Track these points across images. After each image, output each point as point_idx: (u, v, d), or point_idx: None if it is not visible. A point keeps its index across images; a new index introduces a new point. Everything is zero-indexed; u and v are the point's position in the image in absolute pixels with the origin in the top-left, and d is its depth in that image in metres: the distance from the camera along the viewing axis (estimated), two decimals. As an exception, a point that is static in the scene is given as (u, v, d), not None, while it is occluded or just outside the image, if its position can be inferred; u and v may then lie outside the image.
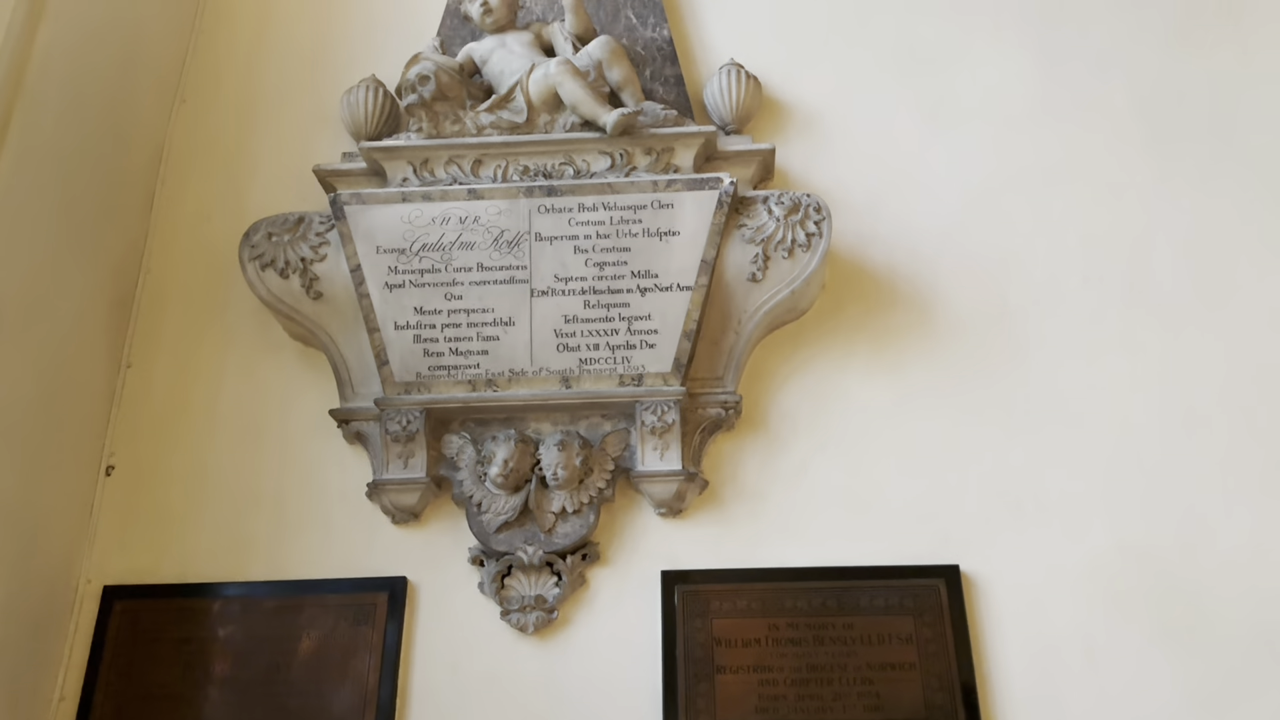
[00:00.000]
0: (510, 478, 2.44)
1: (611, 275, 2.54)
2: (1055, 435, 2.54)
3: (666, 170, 2.67)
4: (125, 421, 2.67)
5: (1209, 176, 2.79)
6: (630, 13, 2.99)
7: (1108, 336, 2.64)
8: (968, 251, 2.74)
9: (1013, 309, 2.68)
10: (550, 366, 2.50)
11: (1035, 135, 2.87)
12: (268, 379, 2.70)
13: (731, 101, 2.81)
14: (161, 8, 3.02)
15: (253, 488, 2.58)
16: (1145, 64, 2.94)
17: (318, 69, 3.07)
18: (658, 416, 2.46)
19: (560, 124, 2.72)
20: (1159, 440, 2.52)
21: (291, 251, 2.62)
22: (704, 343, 2.54)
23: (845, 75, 2.98)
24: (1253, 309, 2.64)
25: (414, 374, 2.51)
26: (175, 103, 3.04)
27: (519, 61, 2.79)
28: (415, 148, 2.71)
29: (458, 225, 2.59)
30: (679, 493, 2.46)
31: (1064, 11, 3.02)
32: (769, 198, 2.61)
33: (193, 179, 2.95)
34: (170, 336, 2.76)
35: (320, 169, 2.78)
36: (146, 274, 2.83)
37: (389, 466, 2.49)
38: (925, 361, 2.64)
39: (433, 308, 2.54)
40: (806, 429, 2.58)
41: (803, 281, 2.56)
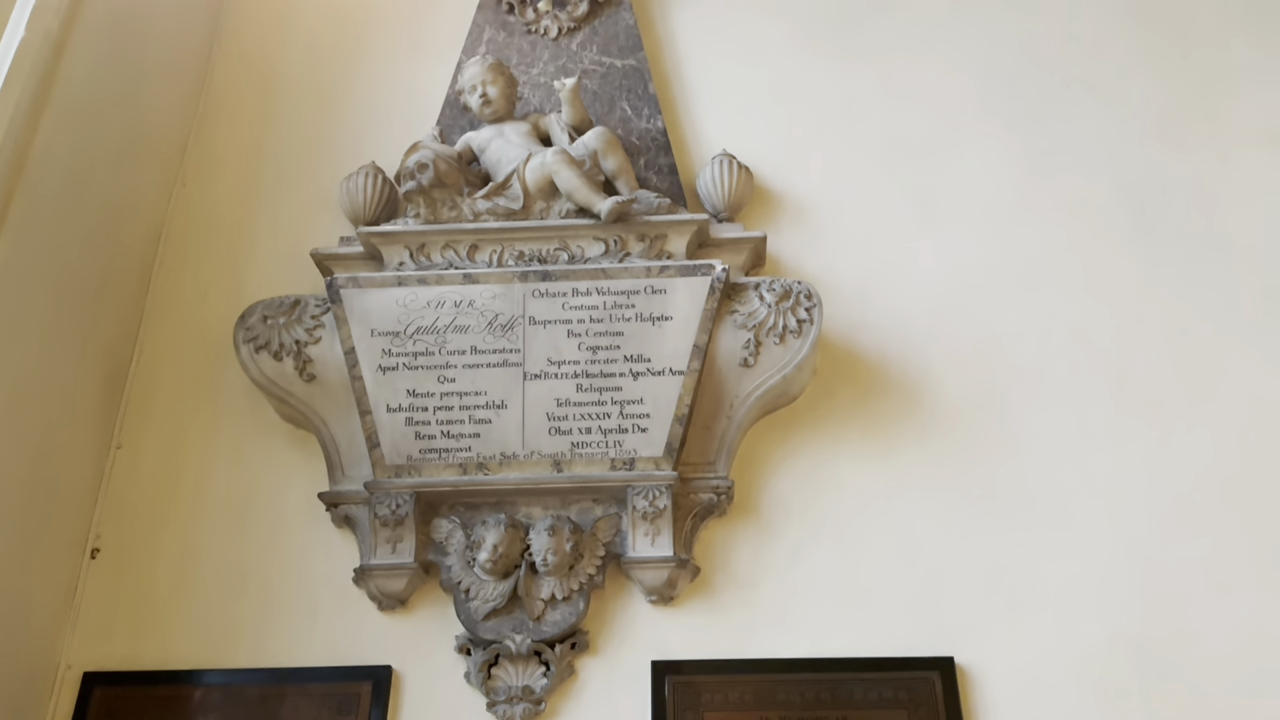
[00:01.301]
0: (499, 563, 2.41)
1: (604, 359, 2.56)
2: (1047, 525, 2.53)
3: (660, 256, 2.70)
4: (113, 503, 2.65)
5: (1193, 271, 2.83)
6: (626, 105, 3.07)
7: (1097, 426, 2.64)
8: (957, 339, 2.76)
9: (1003, 397, 2.69)
10: (542, 450, 2.49)
11: (1022, 227, 2.92)
12: (258, 461, 2.69)
13: (724, 190, 2.86)
14: (165, 93, 3.09)
15: (239, 572, 2.55)
16: (1128, 161, 3.00)
17: (318, 155, 3.11)
18: (649, 501, 2.44)
19: (556, 210, 2.77)
20: (1150, 531, 2.51)
21: (286, 334, 2.63)
22: (696, 427, 2.54)
23: (834, 166, 3.03)
24: (1238, 402, 2.65)
25: (405, 457, 2.50)
26: (176, 186, 3.08)
27: (516, 150, 2.84)
28: (412, 233, 2.74)
29: (452, 309, 2.62)
30: (670, 580, 2.43)
31: (1047, 109, 3.09)
32: (761, 284, 2.64)
33: (190, 261, 2.98)
34: (161, 417, 2.75)
35: (318, 252, 2.81)
36: (140, 354, 2.83)
37: (377, 551, 2.46)
38: (917, 448, 2.64)
39: (425, 390, 2.55)
40: (799, 515, 2.56)
41: (794, 367, 2.57)
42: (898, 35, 3.24)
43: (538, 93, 3.11)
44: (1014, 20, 3.24)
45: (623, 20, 3.21)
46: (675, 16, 3.33)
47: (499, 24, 3.23)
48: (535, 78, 3.14)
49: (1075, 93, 3.11)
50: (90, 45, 2.71)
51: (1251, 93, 3.07)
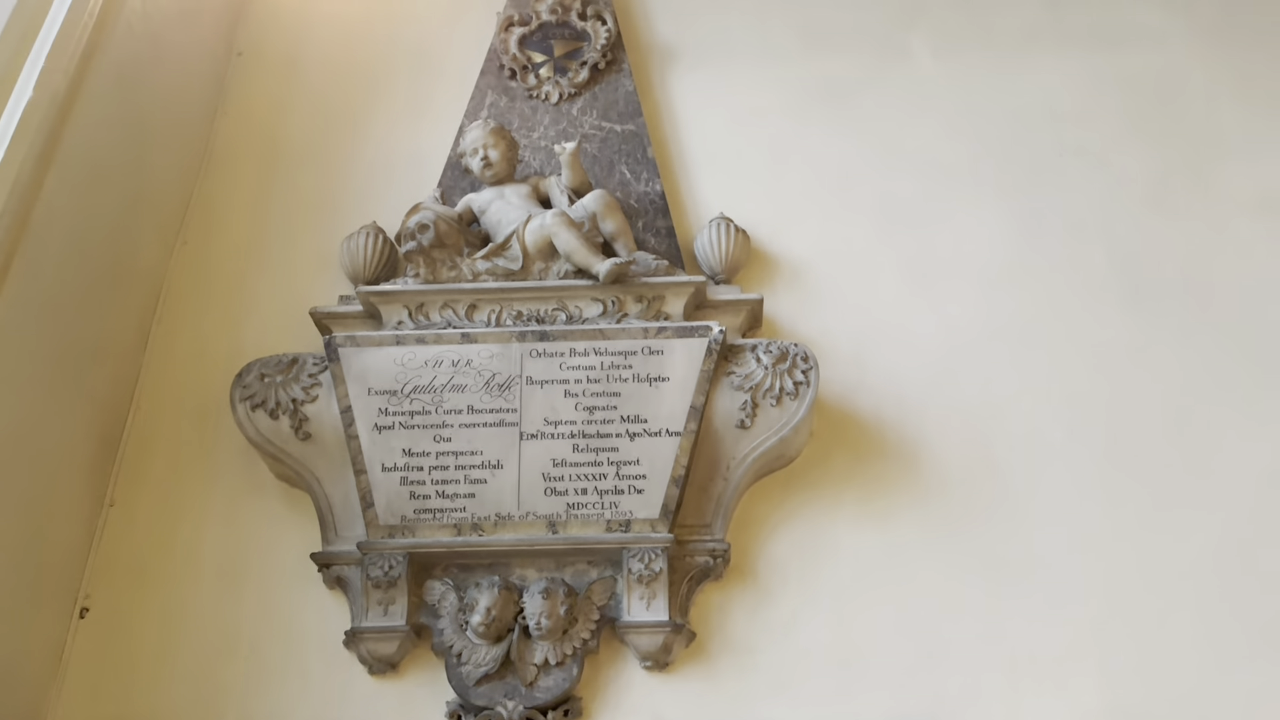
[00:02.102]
0: (492, 627, 2.38)
1: (601, 419, 2.55)
2: (1045, 593, 2.51)
3: (657, 318, 2.72)
4: (103, 561, 2.62)
5: (1187, 339, 2.84)
6: (624, 168, 3.11)
7: (1093, 493, 2.63)
8: (953, 403, 2.76)
9: (999, 461, 2.68)
10: (537, 511, 2.48)
11: (1016, 292, 2.93)
12: (251, 520, 2.66)
13: (721, 253, 2.88)
14: (169, 153, 3.12)
15: (229, 634, 2.51)
16: (1121, 228, 3.02)
17: (320, 214, 3.13)
18: (645, 564, 2.42)
19: (554, 271, 2.79)
20: (1148, 600, 2.49)
21: (283, 392, 2.63)
22: (692, 489, 2.53)
23: (830, 230, 3.06)
24: (1234, 470, 2.64)
25: (399, 517, 2.48)
26: (177, 244, 3.10)
27: (516, 212, 2.88)
28: (411, 292, 2.76)
29: (450, 368, 2.62)
30: (665, 645, 2.40)
31: (1039, 176, 3.13)
32: (757, 346, 2.65)
33: (189, 318, 2.98)
34: (156, 475, 2.74)
35: (316, 311, 2.82)
36: (136, 411, 2.83)
37: (368, 613, 2.43)
38: (914, 513, 2.62)
39: (421, 449, 2.54)
40: (796, 580, 2.54)
41: (791, 429, 2.57)
42: (890, 104, 3.29)
43: (538, 156, 3.15)
44: (1005, 89, 3.29)
45: (622, 86, 3.27)
46: (673, 84, 3.38)
47: (501, 89, 3.29)
48: (536, 141, 3.18)
49: (1067, 160, 3.15)
50: (96, 107, 2.75)
51: (1241, 161, 3.11)
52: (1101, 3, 3.44)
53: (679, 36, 3.46)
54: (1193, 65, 3.29)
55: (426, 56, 3.44)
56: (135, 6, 2.97)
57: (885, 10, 3.46)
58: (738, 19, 3.47)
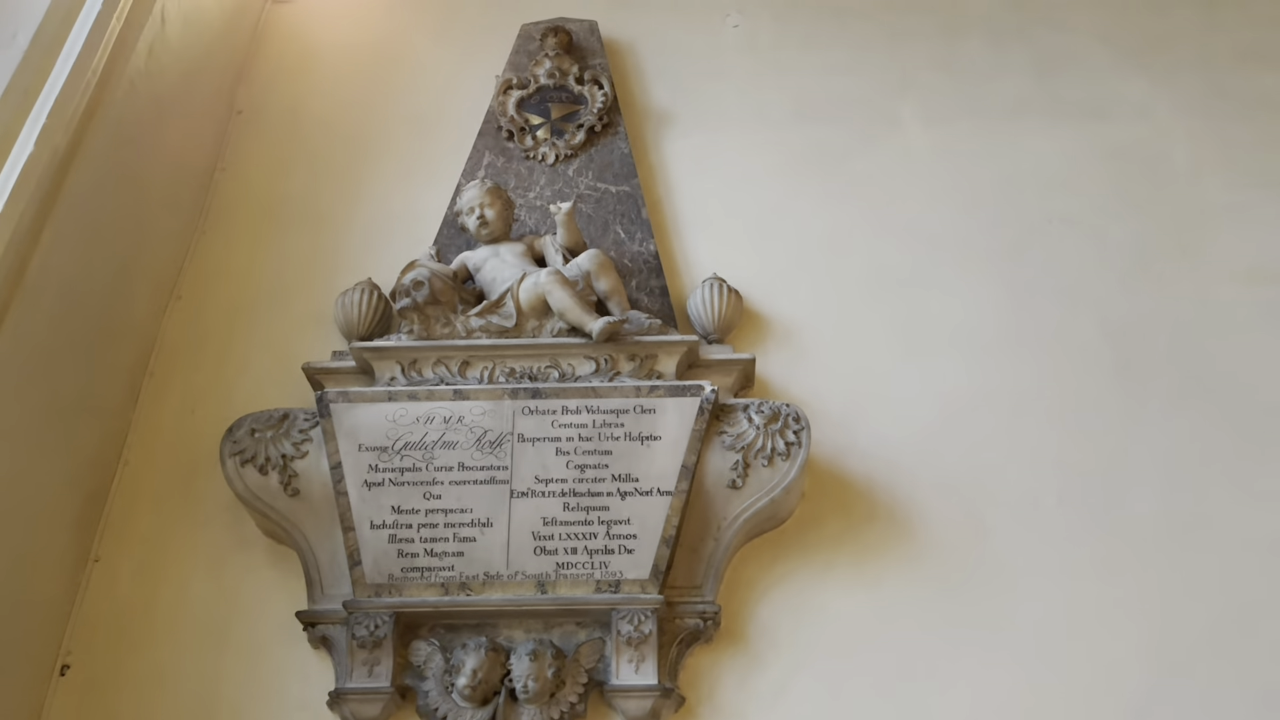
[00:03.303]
0: (479, 689, 2.34)
1: (592, 478, 2.54)
2: (1035, 659, 2.48)
3: (650, 376, 2.72)
4: (87, 618, 2.58)
5: (1176, 406, 2.85)
6: (619, 228, 3.14)
7: (1084, 561, 2.62)
8: (945, 468, 2.76)
9: (990, 528, 2.67)
10: (526, 570, 2.46)
11: (1006, 359, 2.94)
12: (237, 577, 2.63)
13: (713, 313, 2.90)
14: (166, 211, 3.14)
15: (211, 695, 2.47)
16: (1109, 296, 3.06)
17: (315, 271, 3.15)
18: (634, 626, 2.39)
19: (548, 329, 2.80)
20: (1137, 668, 2.47)
21: (273, 448, 2.62)
22: (683, 549, 2.51)
23: (822, 293, 3.09)
24: (1223, 539, 2.64)
25: (386, 575, 2.46)
26: (171, 299, 3.11)
27: (511, 270, 2.90)
28: (405, 348, 2.76)
29: (441, 425, 2.61)
30: (654, 710, 2.36)
31: (1028, 244, 3.17)
32: (749, 406, 2.66)
33: (180, 373, 2.98)
34: (142, 530, 2.71)
35: (309, 367, 2.82)
36: (125, 465, 2.81)
37: (353, 674, 2.39)
38: (905, 579, 2.60)
39: (410, 507, 2.52)
40: (786, 644, 2.51)
41: (783, 490, 2.56)
42: (879, 171, 3.34)
43: (534, 215, 3.19)
44: (993, 158, 3.35)
45: (618, 149, 3.32)
46: (668, 147, 3.44)
47: (498, 150, 3.34)
48: (532, 201, 3.22)
49: (1055, 227, 3.20)
50: (96, 163, 2.77)
51: (1227, 232, 3.15)
52: (1088, 75, 3.52)
53: (674, 102, 3.52)
54: (1178, 137, 3.36)
55: (425, 116, 3.50)
56: (138, 65, 3.02)
57: (876, 80, 3.54)
58: (731, 86, 3.54)
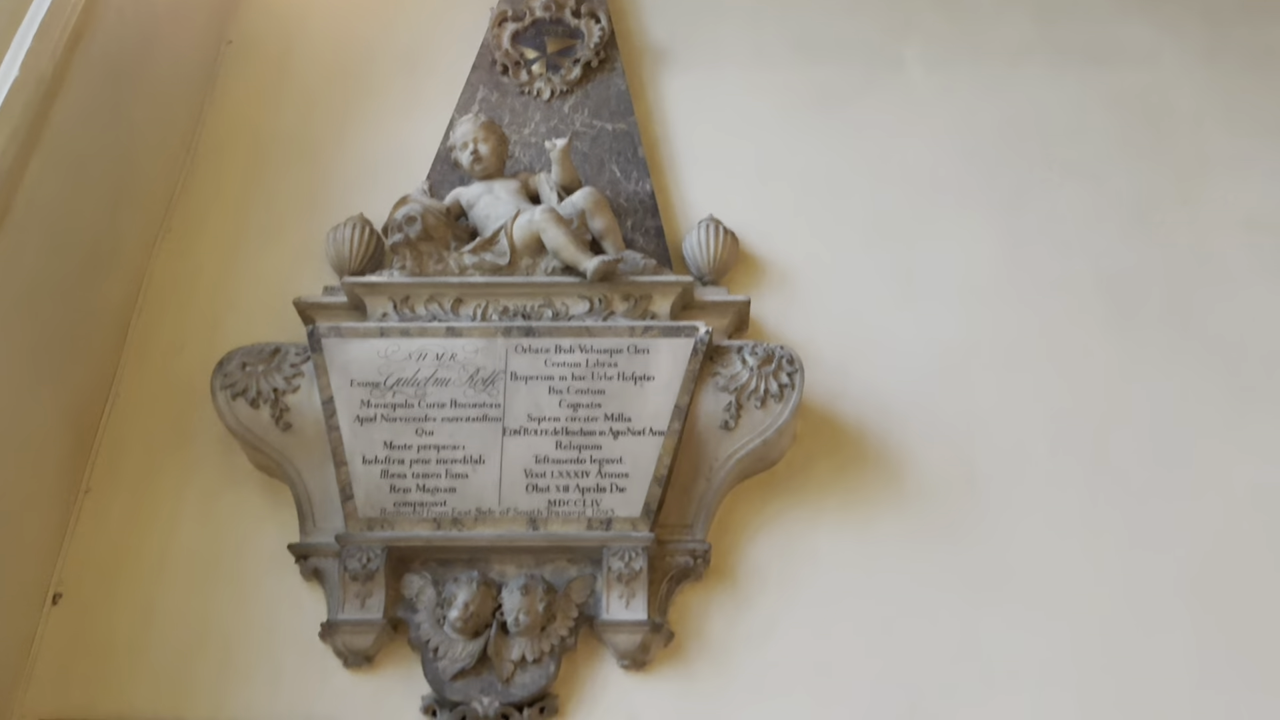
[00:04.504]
0: (470, 622, 2.36)
1: (585, 417, 2.54)
2: (1023, 606, 2.50)
3: (644, 317, 2.71)
4: (78, 549, 2.58)
5: (1170, 358, 2.85)
6: (615, 167, 3.11)
7: (1074, 509, 2.63)
8: (936, 415, 2.76)
9: (981, 474, 2.68)
10: (518, 507, 2.46)
11: (1002, 307, 2.94)
12: (228, 510, 2.64)
13: (709, 254, 2.88)
14: (155, 143, 3.09)
15: (203, 624, 2.48)
16: (1107, 245, 3.04)
17: (306, 206, 3.12)
18: (625, 563, 2.41)
19: (542, 268, 2.78)
20: (1126, 617, 2.49)
21: (264, 382, 2.61)
22: (674, 489, 2.52)
23: (818, 236, 3.06)
24: (1214, 490, 2.65)
25: (378, 510, 2.46)
26: (160, 233, 3.07)
27: (505, 207, 2.86)
28: (397, 284, 2.74)
29: (434, 361, 2.60)
30: (644, 644, 2.39)
31: (1027, 190, 3.15)
32: (743, 348, 2.65)
33: (170, 308, 2.96)
34: (133, 463, 2.70)
35: (300, 301, 2.80)
36: (115, 399, 2.80)
37: (345, 606, 2.41)
38: (894, 522, 2.61)
39: (403, 443, 2.52)
40: (775, 584, 2.53)
41: (775, 431, 2.57)
42: (881, 114, 3.31)
43: (528, 152, 3.15)
44: (995, 103, 3.32)
45: (614, 85, 3.27)
46: (666, 85, 3.39)
47: (493, 84, 3.29)
48: (526, 137, 3.18)
49: (1055, 175, 3.17)
50: (83, 92, 2.72)
51: (1228, 180, 3.14)
52: (1093, 19, 3.47)
53: (672, 38, 3.47)
54: (1182, 84, 3.33)
55: (418, 50, 3.44)
56: (126, -10, 2.95)
57: (878, 21, 3.49)
58: (731, 24, 3.48)
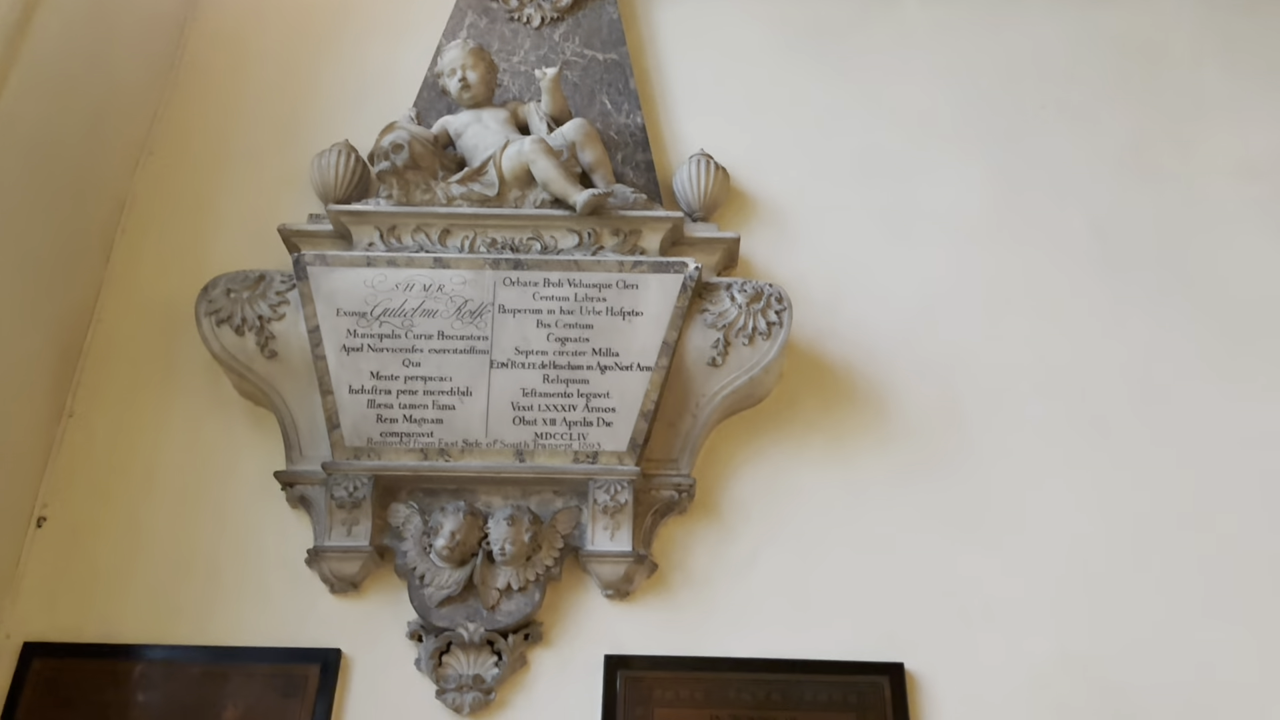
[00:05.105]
0: (456, 551, 2.38)
1: (573, 351, 2.54)
2: (1003, 542, 2.54)
3: (633, 252, 2.69)
4: (62, 472, 2.58)
5: (1157, 304, 2.86)
6: (606, 98, 3.06)
7: (1056, 449, 2.66)
8: (923, 355, 2.78)
9: (965, 415, 2.70)
10: (505, 439, 2.47)
11: (992, 250, 2.93)
12: (213, 437, 2.64)
13: (700, 190, 2.86)
14: (137, 63, 3.03)
15: (188, 548, 2.50)
16: (1099, 187, 3.04)
17: (291, 131, 3.07)
18: (610, 496, 2.43)
19: (531, 200, 2.75)
20: (1105, 556, 2.53)
21: (250, 309, 2.59)
22: (661, 424, 2.53)
23: (810, 174, 3.05)
24: (1196, 434, 2.68)
25: (365, 439, 2.47)
26: (143, 155, 3.02)
27: (493, 137, 2.82)
28: (384, 213, 2.71)
29: (421, 292, 2.59)
30: (627, 575, 2.42)
31: (1022, 130, 3.13)
32: (732, 285, 2.65)
33: (153, 231, 2.92)
34: (116, 388, 2.69)
35: (285, 228, 2.77)
36: (98, 322, 2.77)
37: (332, 533, 2.42)
38: (878, 460, 2.64)
39: (389, 373, 2.52)
40: (759, 518, 2.56)
41: (762, 369, 2.58)
42: (876, 50, 3.27)
43: (518, 81, 3.09)
44: (992, 41, 3.28)
45: (606, 14, 3.21)
46: (659, 15, 3.33)
47: (481, 9, 3.21)
48: (516, 66, 3.12)
49: (1050, 115, 3.15)
50: (62, 11, 2.64)
51: (1222, 123, 3.13)
52: (1092, -43, 3.42)
53: (666, -34, 3.40)
54: (1181, 25, 3.30)
55: (406, -30, 3.35)
56: (105, -100, 2.86)
57: (875, -46, 3.42)
58: (727, -48, 3.41)
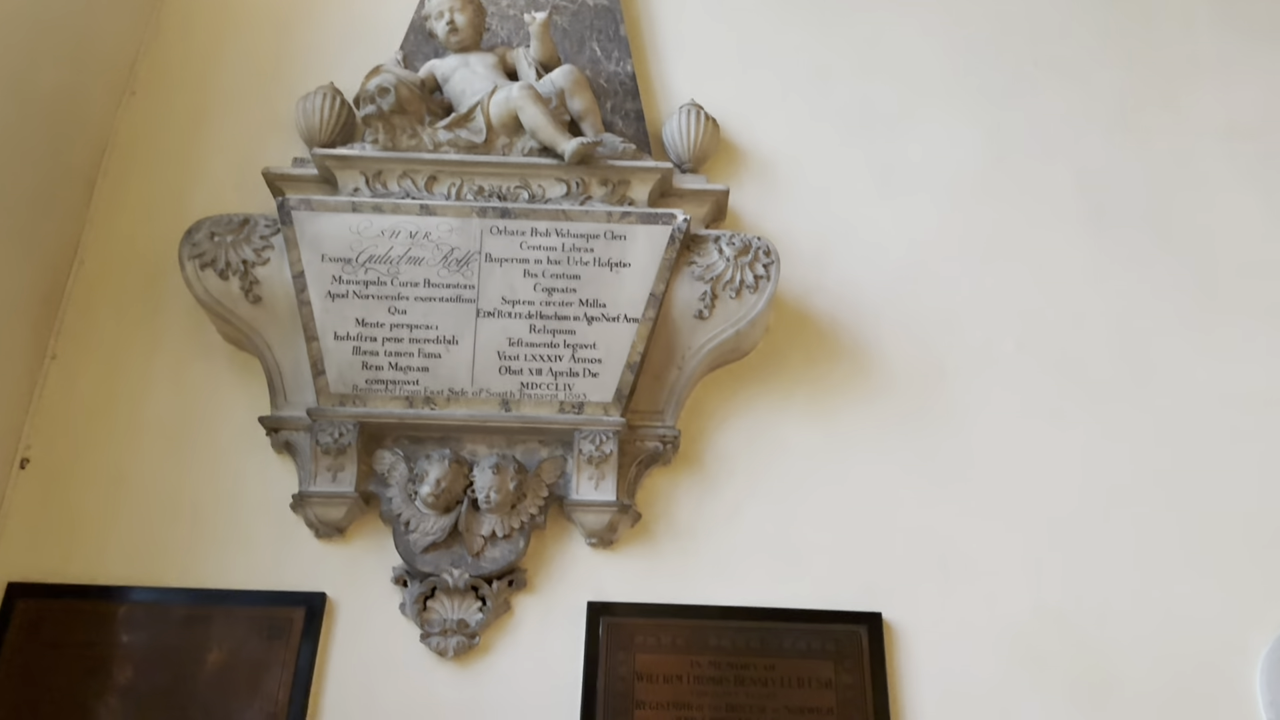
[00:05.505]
0: (441, 498, 2.40)
1: (560, 301, 2.54)
2: (982, 496, 2.58)
3: (621, 202, 2.68)
4: (45, 414, 2.57)
5: (1143, 262, 2.88)
6: (595, 45, 3.02)
7: (1037, 405, 2.69)
8: (909, 310, 2.79)
9: (948, 370, 2.73)
10: (491, 388, 2.48)
11: (980, 205, 2.94)
12: (197, 381, 2.63)
13: (689, 141, 2.84)
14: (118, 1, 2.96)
15: (172, 491, 2.50)
16: (1089, 147, 3.04)
17: (275, 73, 3.03)
18: (596, 446, 2.45)
19: (518, 147, 2.72)
20: (1081, 510, 2.57)
21: (233, 253, 2.56)
22: (646, 376, 2.54)
23: (800, 127, 3.03)
24: (1176, 393, 2.72)
25: (350, 386, 2.47)
26: (124, 95, 2.97)
27: (481, 82, 2.79)
28: (370, 158, 2.68)
29: (407, 239, 2.57)
30: (611, 524, 2.45)
31: (1013, 87, 3.12)
32: (720, 238, 2.64)
33: (136, 173, 2.88)
34: (99, 330, 2.67)
35: (270, 172, 2.73)
36: (80, 265, 2.74)
37: (317, 479, 2.43)
38: (861, 414, 2.67)
39: (375, 320, 2.51)
40: (742, 470, 2.59)
41: (748, 322, 2.58)
42: (869, 4, 3.24)
43: (506, 25, 3.05)
44: (987, -6, 3.26)
45: (598, -41, 3.15)
46: (651, -40, 3.28)
47: (471, -49, 3.15)
48: (504, 9, 3.07)
49: (1042, 73, 3.14)
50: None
51: (1213, 84, 3.13)
52: (1086, -88, 3.38)
53: (659, -91, 3.33)
54: (1174, -16, 3.28)
55: (394, -89, 3.28)
56: None
57: (870, -97, 3.37)
58: (720, -102, 3.35)
